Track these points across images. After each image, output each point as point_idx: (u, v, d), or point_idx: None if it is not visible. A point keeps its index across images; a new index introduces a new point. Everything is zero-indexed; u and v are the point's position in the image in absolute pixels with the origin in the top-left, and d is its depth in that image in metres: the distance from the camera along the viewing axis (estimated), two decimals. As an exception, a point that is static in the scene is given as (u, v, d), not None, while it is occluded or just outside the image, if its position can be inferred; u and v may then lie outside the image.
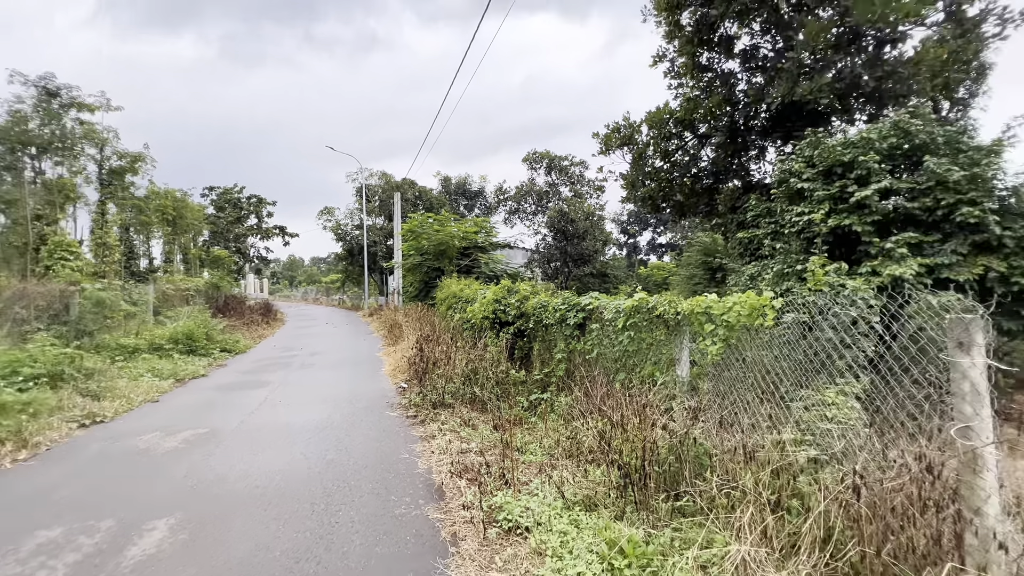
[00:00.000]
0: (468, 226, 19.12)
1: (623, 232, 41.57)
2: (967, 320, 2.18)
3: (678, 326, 4.75)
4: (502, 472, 3.86)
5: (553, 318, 7.13)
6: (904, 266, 4.91)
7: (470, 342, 8.28)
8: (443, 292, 13.86)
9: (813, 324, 4.02)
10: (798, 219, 5.92)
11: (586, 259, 23.08)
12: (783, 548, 2.49)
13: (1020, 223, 4.89)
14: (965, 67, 9.40)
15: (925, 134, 5.51)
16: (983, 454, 2.10)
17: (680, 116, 11.44)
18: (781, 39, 9.98)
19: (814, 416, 3.44)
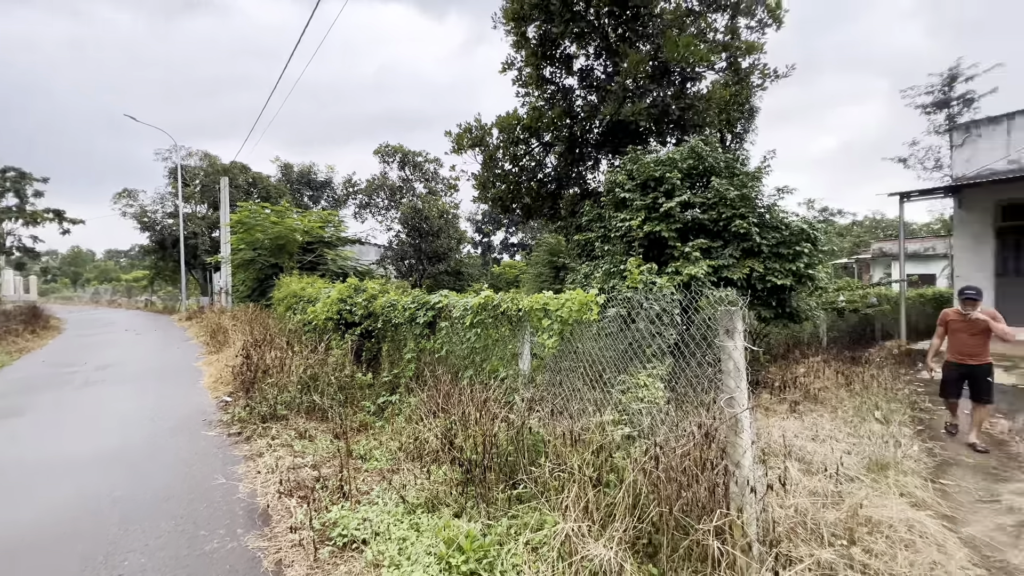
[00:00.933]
0: (313, 219, 17.56)
1: (478, 231, 42.61)
2: (731, 311, 2.69)
3: (520, 322, 5.01)
4: (340, 484, 3.61)
5: (403, 317, 6.93)
6: (697, 267, 5.93)
7: (311, 346, 7.60)
8: (281, 291, 12.51)
9: (629, 317, 4.60)
10: (621, 224, 6.75)
11: (440, 257, 23.05)
12: (602, 519, 2.79)
13: (772, 234, 6.31)
14: (741, 108, 11.76)
15: (712, 159, 6.75)
16: (741, 418, 2.63)
17: (527, 123, 12.12)
18: (611, 64, 11.24)
19: (629, 398, 3.93)
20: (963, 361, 5.13)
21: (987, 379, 5.03)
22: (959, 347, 5.16)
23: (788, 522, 2.95)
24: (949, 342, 5.30)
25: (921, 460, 4.60)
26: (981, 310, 5.04)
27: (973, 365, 5.06)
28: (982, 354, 5.05)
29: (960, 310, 5.12)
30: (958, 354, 5.18)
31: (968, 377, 5.11)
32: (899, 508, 3.35)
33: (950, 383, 5.29)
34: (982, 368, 5.04)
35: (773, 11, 10.64)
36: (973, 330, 5.02)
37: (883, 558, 2.76)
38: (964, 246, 11.67)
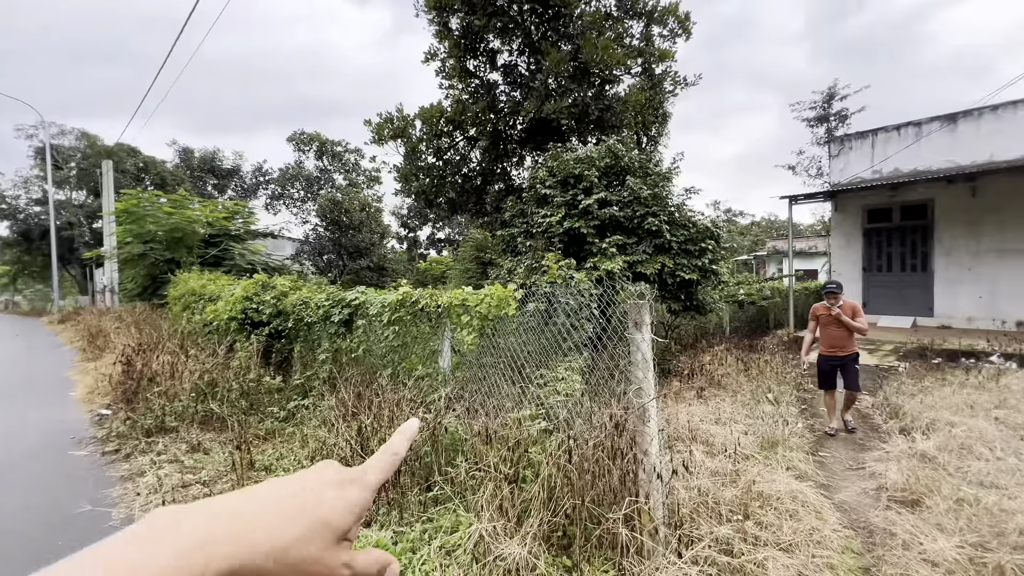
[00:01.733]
0: (218, 210, 16.05)
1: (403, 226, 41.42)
2: (640, 304, 2.78)
3: (440, 318, 4.88)
4: (237, 500, 3.27)
5: (316, 315, 6.52)
6: (614, 262, 6.15)
7: (210, 349, 6.92)
8: (178, 289, 11.30)
9: (548, 311, 4.65)
10: (543, 220, 6.84)
11: (363, 252, 22.09)
12: (518, 515, 2.77)
13: (681, 232, 6.72)
14: (655, 112, 12.43)
15: (628, 159, 7.05)
16: (648, 408, 2.73)
17: (451, 116, 11.91)
18: (534, 61, 11.36)
19: (548, 391, 3.97)
20: (833, 353, 5.26)
21: (855, 367, 5.26)
22: (829, 340, 5.29)
23: (692, 503, 3.12)
24: (820, 335, 5.40)
25: (804, 436, 5.13)
26: (843, 303, 5.19)
27: (843, 356, 5.23)
28: (849, 345, 5.22)
29: (826, 305, 5.23)
30: (829, 347, 5.30)
31: (839, 368, 5.29)
32: (785, 481, 3.69)
33: (824, 375, 5.39)
34: (850, 357, 5.24)
35: (683, 22, 11.34)
36: (839, 323, 5.17)
37: (771, 529, 3.01)
38: (839, 244, 13.27)
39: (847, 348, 5.25)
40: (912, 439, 4.76)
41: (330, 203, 21.76)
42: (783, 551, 2.77)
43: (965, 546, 2.60)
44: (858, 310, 5.21)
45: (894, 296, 12.19)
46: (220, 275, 11.84)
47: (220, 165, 33.05)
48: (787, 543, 2.86)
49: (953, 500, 3.26)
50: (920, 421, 5.28)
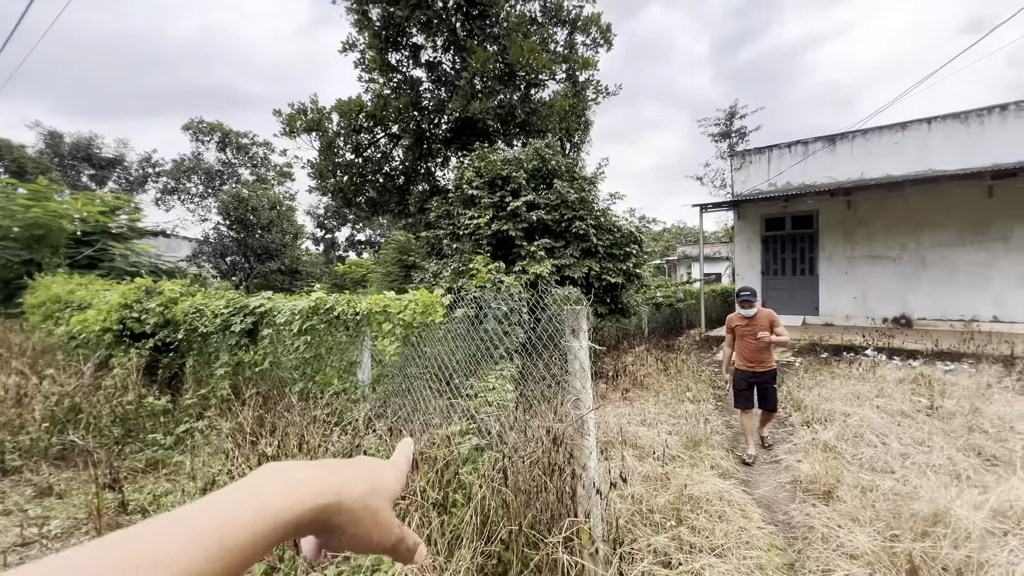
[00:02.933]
0: (94, 204, 13.92)
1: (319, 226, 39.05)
2: (577, 311, 2.64)
3: (358, 327, 4.45)
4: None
5: (213, 325, 5.74)
6: (543, 266, 6.07)
7: (74, 367, 5.84)
8: (37, 296, 9.59)
9: (478, 317, 4.42)
10: (470, 222, 6.61)
11: (272, 254, 20.33)
12: (449, 545, 2.50)
13: (606, 236, 6.83)
14: (578, 120, 12.71)
15: (555, 162, 7.04)
16: (587, 420, 2.60)
17: (371, 111, 11.28)
18: (459, 60, 11.10)
19: (479, 403, 3.73)
20: (751, 368, 4.67)
21: (773, 386, 4.71)
22: (746, 353, 4.70)
23: (628, 513, 3.05)
24: (737, 348, 4.82)
25: (723, 433, 5.36)
26: (758, 311, 4.65)
27: (761, 372, 4.65)
28: (768, 359, 4.65)
29: (741, 313, 4.70)
30: (746, 361, 4.70)
31: (757, 385, 4.70)
32: (712, 482, 3.77)
33: (741, 394, 4.77)
34: (768, 374, 4.68)
35: (604, 33, 11.72)
36: (755, 333, 4.59)
37: (704, 533, 3.01)
38: (741, 250, 14.45)
39: (766, 363, 4.65)
40: (814, 430, 5.15)
41: (234, 199, 19.80)
42: (717, 556, 2.76)
43: (877, 537, 2.75)
44: (776, 320, 4.60)
45: (787, 297, 13.51)
46: (95, 279, 10.20)
47: (98, 153, 28.89)
48: (720, 547, 2.87)
49: (858, 489, 3.50)
50: (819, 412, 5.75)
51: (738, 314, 4.77)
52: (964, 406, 5.52)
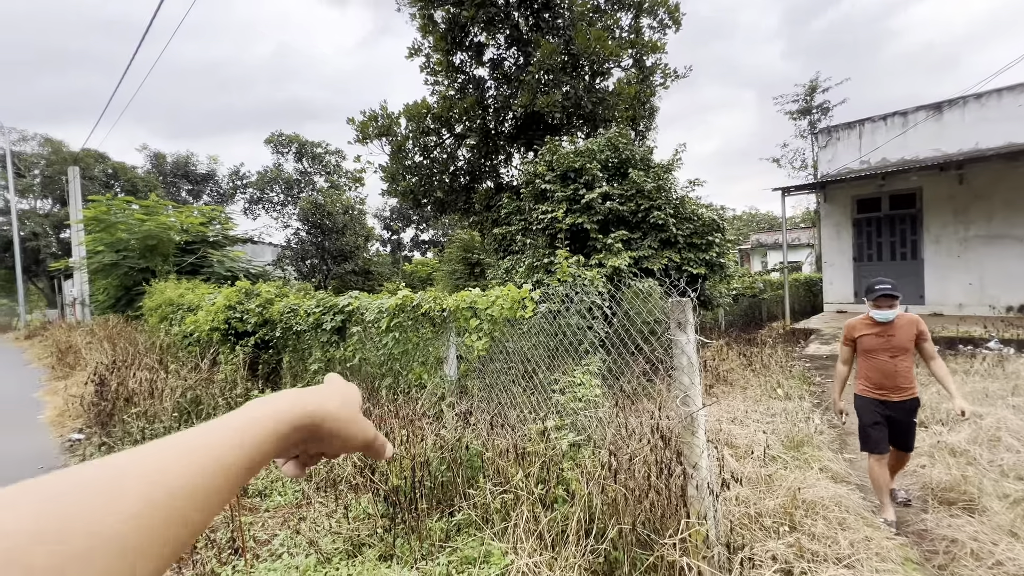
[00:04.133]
0: (193, 216, 15.41)
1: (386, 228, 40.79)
2: (682, 303, 2.51)
3: (444, 323, 4.56)
4: (231, 535, 2.91)
5: (306, 323, 6.13)
6: (620, 258, 5.90)
7: (191, 363, 6.47)
8: (154, 299, 10.72)
9: (560, 312, 4.37)
10: (543, 217, 6.56)
11: (347, 256, 21.49)
12: (554, 543, 2.48)
13: (686, 225, 6.51)
14: (644, 106, 12.25)
15: (629, 151, 6.82)
16: (697, 417, 2.47)
17: (437, 113, 11.54)
18: (522, 55, 11.07)
19: (568, 398, 3.69)
20: (884, 396, 3.24)
21: (914, 420, 3.31)
22: (877, 375, 3.26)
23: (737, 516, 2.88)
24: (861, 366, 3.38)
25: (827, 433, 4.95)
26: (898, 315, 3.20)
27: (899, 402, 3.21)
28: (909, 382, 3.20)
29: (872, 317, 3.24)
30: (876, 386, 3.28)
31: (892, 420, 3.24)
32: (824, 486, 3.47)
33: (870, 431, 3.27)
34: (910, 404, 3.24)
35: (673, 13, 11.20)
36: (894, 346, 3.17)
37: (825, 541, 2.77)
38: (828, 235, 13.30)
39: (907, 387, 3.19)
40: (937, 432, 4.62)
41: (312, 206, 21.12)
42: (846, 568, 2.53)
43: (1045, 555, 2.40)
44: (925, 331, 3.21)
45: (885, 285, 12.27)
46: (199, 283, 11.28)
47: (194, 170, 31.96)
48: (846, 557, 2.63)
49: (1008, 500, 3.08)
50: (939, 412, 5.15)
51: (865, 318, 3.28)
52: None
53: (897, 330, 3.18)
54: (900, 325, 3.18)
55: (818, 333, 10.18)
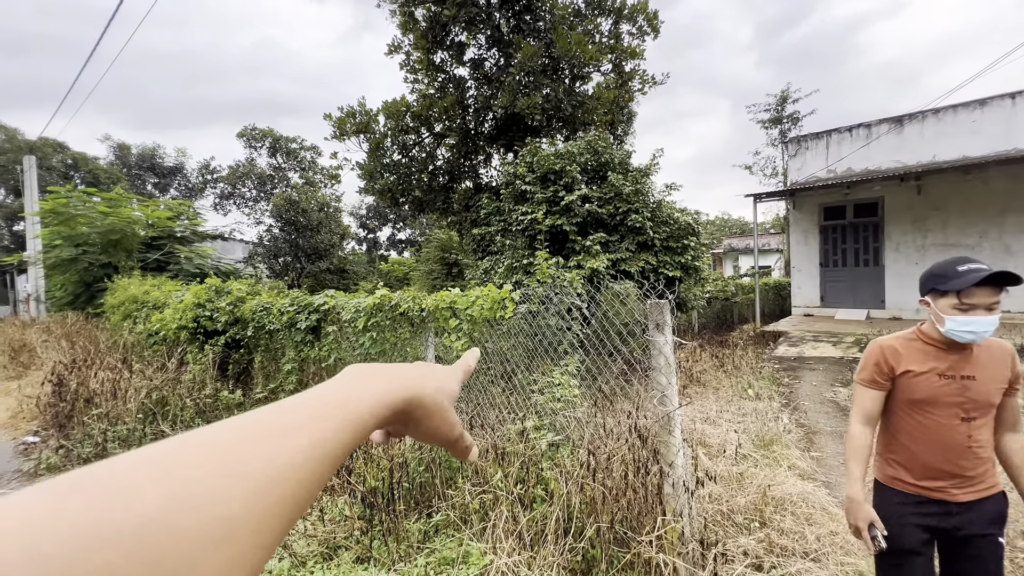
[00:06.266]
0: (160, 210, 14.87)
1: (362, 227, 40.21)
2: (661, 304, 2.56)
3: (423, 323, 4.53)
4: (201, 540, 2.82)
5: (280, 322, 6.00)
6: (598, 260, 5.98)
7: (157, 362, 6.25)
8: (116, 296, 10.28)
9: (539, 312, 4.39)
10: (523, 218, 6.59)
11: (322, 254, 21.06)
12: (533, 542, 2.49)
13: (663, 228, 6.64)
14: (623, 111, 12.44)
15: (608, 154, 6.90)
16: (674, 416, 2.52)
17: (417, 111, 11.45)
18: (503, 56, 11.09)
19: (547, 398, 3.71)
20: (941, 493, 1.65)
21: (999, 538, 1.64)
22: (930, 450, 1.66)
23: (710, 512, 2.95)
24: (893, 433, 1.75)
25: (794, 432, 5.12)
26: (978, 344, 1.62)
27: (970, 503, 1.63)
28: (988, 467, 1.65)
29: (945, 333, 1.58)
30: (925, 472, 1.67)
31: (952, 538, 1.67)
32: (793, 483, 3.60)
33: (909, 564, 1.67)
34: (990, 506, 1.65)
35: (651, 20, 11.41)
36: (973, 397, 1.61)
37: (794, 536, 2.87)
38: (797, 241, 13.76)
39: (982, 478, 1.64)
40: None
41: (285, 202, 20.63)
42: (813, 561, 2.63)
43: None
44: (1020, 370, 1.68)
45: (849, 289, 12.76)
46: (165, 280, 10.89)
47: (161, 162, 30.80)
48: (813, 551, 2.73)
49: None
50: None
51: (917, 336, 1.72)
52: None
53: (982, 366, 1.61)
54: (988, 356, 1.63)
55: (787, 335, 10.52)
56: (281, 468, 0.26)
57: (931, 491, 1.65)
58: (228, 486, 0.23)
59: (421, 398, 0.39)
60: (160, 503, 0.21)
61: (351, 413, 0.33)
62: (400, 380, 0.38)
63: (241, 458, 0.25)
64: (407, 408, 0.38)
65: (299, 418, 0.29)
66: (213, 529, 0.22)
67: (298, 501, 0.27)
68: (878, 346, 1.75)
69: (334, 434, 0.30)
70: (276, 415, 0.29)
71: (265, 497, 0.25)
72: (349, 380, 0.36)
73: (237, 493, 0.23)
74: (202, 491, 0.22)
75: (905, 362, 1.68)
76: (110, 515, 0.19)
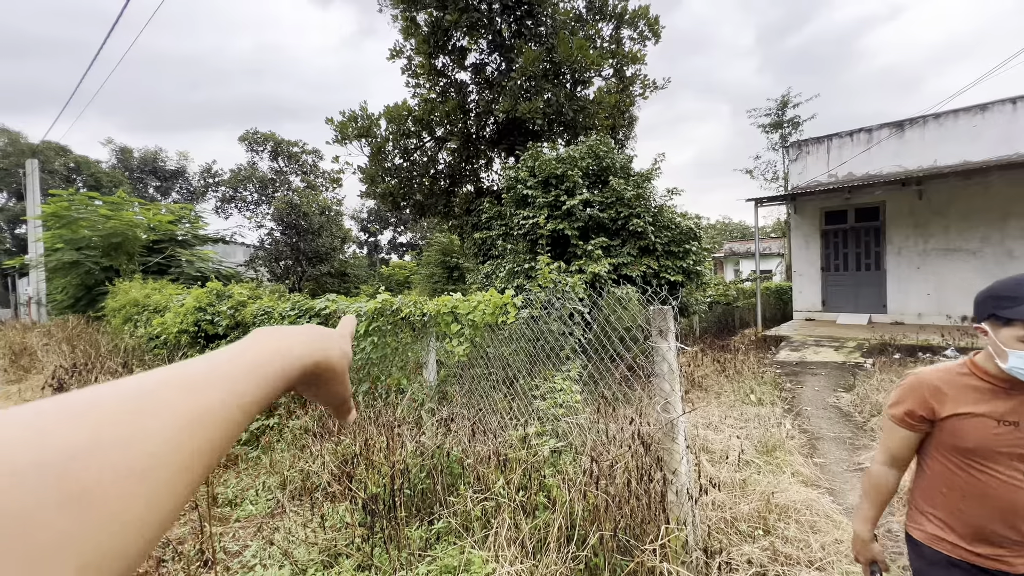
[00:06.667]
0: (162, 214, 14.91)
1: (363, 230, 40.29)
2: (664, 310, 2.55)
3: (424, 328, 4.52)
4: (200, 547, 2.80)
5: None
6: (600, 265, 5.97)
7: (159, 366, 6.23)
8: (118, 300, 10.29)
9: (540, 317, 4.38)
10: (524, 222, 6.59)
11: (323, 257, 21.08)
12: (535, 550, 2.47)
13: (665, 233, 6.64)
14: (623, 115, 12.46)
15: (610, 159, 6.91)
16: (677, 423, 2.51)
17: (419, 115, 11.48)
18: (504, 61, 11.12)
19: (549, 404, 3.70)
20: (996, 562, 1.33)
21: None
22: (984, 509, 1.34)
23: (714, 521, 2.93)
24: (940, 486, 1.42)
25: (797, 438, 5.09)
26: None
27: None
28: None
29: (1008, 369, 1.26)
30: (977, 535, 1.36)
31: None
32: (796, 490, 3.57)
33: None
34: None
35: (652, 25, 11.45)
36: None
37: (798, 544, 2.85)
38: (798, 245, 13.74)
39: None
40: (900, 437, 4.81)
41: (287, 206, 20.66)
42: (818, 570, 2.60)
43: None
44: None
45: (850, 294, 12.74)
46: (166, 284, 10.91)
47: (163, 166, 30.90)
48: (818, 560, 2.70)
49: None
50: (902, 418, 5.37)
51: (968, 369, 1.40)
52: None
53: None
54: None
55: (788, 340, 10.49)
56: (200, 414, 0.27)
57: (985, 559, 1.34)
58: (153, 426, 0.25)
59: (329, 360, 0.41)
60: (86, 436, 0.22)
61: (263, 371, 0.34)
62: (312, 344, 0.40)
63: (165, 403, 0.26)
64: (316, 370, 0.40)
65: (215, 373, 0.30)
66: (140, 462, 0.23)
67: (215, 447, 0.28)
68: (917, 380, 1.46)
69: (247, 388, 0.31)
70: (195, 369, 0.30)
71: (188, 437, 0.26)
72: (260, 340, 0.37)
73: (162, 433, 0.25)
74: (129, 430, 0.23)
75: (951, 403, 1.38)
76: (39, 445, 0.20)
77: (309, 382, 0.41)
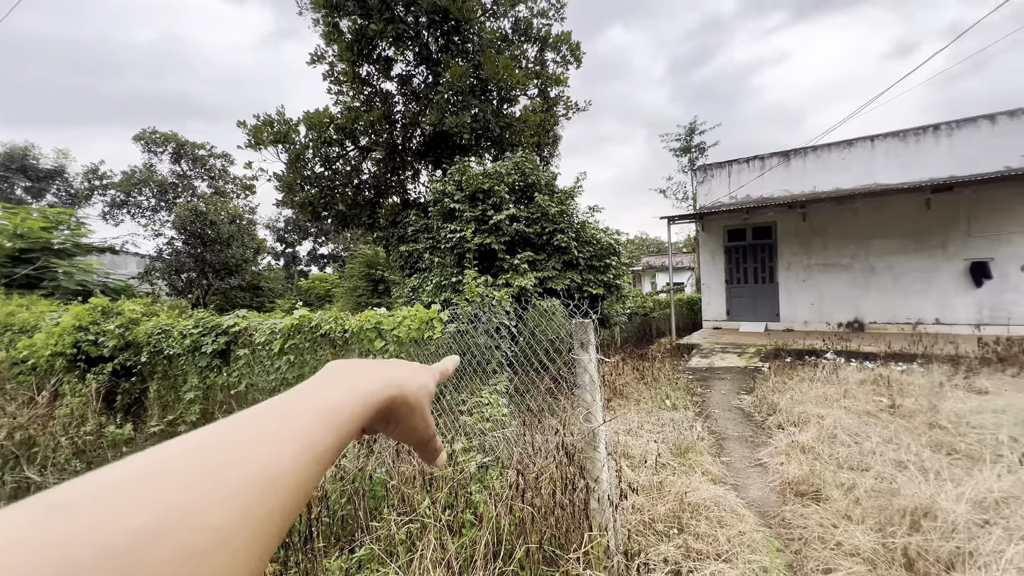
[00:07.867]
0: (32, 218, 13.02)
1: (280, 240, 37.85)
2: (585, 324, 2.66)
3: (346, 344, 4.32)
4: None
5: (181, 346, 5.45)
6: (526, 279, 6.09)
7: (26, 395, 5.40)
8: (-30, 319, 8.76)
9: (467, 332, 4.38)
10: (452, 236, 6.57)
11: (232, 269, 19.45)
12: (462, 570, 2.44)
13: (587, 248, 6.94)
14: (548, 134, 12.93)
15: (535, 176, 7.12)
16: (598, 432, 2.61)
17: (341, 124, 11.08)
18: (431, 75, 11.11)
19: (476, 418, 3.69)
20: None
21: None
22: None
23: (633, 524, 3.06)
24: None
25: (707, 439, 5.49)
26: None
27: None
28: None
29: None
30: None
31: None
32: (706, 488, 3.85)
33: None
34: None
35: (574, 51, 12.05)
36: None
37: (708, 540, 3.06)
38: (706, 260, 15.00)
39: None
40: (791, 433, 5.36)
41: (191, 213, 18.86)
42: (725, 562, 2.81)
43: (871, 533, 2.88)
44: None
45: (750, 305, 14.11)
46: (37, 299, 9.50)
47: (35, 164, 26.99)
48: (726, 552, 2.92)
49: (843, 488, 3.66)
50: (793, 415, 5.99)
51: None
52: (922, 404, 5.88)
53: None
54: None
55: (699, 348, 11.35)
56: (272, 474, 0.25)
57: None
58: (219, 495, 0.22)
59: (405, 395, 0.39)
60: (150, 516, 0.20)
61: (339, 416, 0.31)
62: (386, 378, 0.38)
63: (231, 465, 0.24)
64: (392, 406, 0.38)
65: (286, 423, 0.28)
66: (206, 539, 0.21)
67: (288, 508, 0.26)
68: None
69: (322, 438, 0.29)
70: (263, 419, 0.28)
71: (257, 504, 0.24)
72: (332, 378, 0.35)
73: (228, 501, 0.23)
74: (192, 501, 0.21)
75: None
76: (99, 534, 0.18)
77: (384, 419, 0.39)
